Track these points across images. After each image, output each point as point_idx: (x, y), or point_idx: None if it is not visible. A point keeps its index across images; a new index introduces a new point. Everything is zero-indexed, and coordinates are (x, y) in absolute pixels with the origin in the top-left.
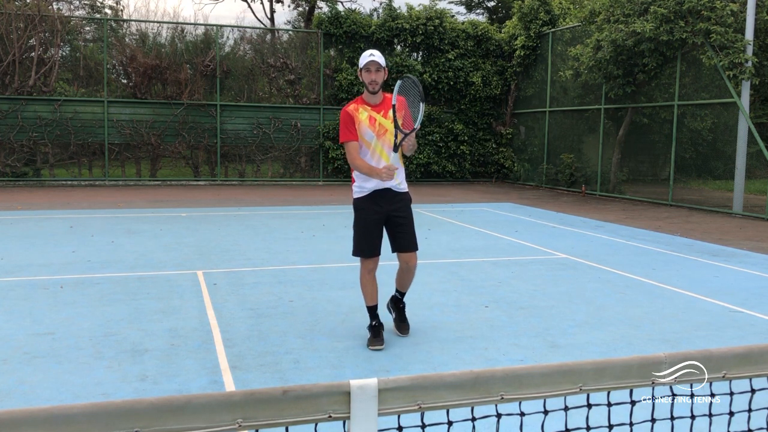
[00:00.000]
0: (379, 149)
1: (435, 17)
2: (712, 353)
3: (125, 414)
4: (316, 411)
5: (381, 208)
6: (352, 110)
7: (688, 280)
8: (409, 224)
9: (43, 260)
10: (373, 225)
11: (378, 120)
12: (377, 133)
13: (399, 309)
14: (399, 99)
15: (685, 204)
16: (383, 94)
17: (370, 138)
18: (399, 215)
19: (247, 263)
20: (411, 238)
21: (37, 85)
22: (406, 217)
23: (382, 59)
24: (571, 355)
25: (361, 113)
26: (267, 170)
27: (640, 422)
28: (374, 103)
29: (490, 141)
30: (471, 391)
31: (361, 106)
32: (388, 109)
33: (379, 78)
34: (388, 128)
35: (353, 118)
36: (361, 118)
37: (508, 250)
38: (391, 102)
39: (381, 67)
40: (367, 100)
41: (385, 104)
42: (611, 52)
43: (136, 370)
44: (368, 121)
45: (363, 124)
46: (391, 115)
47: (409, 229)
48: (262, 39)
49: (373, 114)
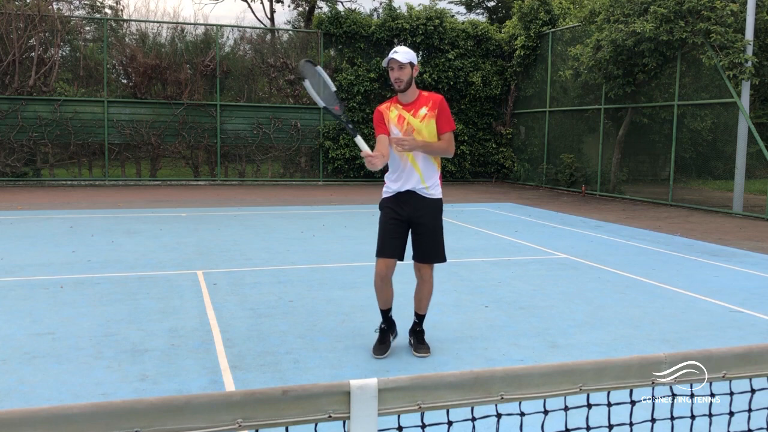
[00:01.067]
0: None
1: (435, 17)
2: (712, 353)
3: (125, 414)
4: (316, 411)
5: (402, 210)
6: (384, 108)
7: (688, 280)
8: (429, 233)
9: (43, 260)
10: (390, 226)
11: (407, 119)
12: (404, 133)
13: (417, 333)
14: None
15: (685, 204)
16: (419, 92)
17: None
18: (420, 222)
19: (247, 263)
20: (428, 248)
21: (37, 85)
22: (427, 225)
23: (406, 55)
24: (571, 355)
25: (391, 111)
26: (267, 170)
27: (640, 422)
28: (405, 102)
29: (490, 141)
30: (471, 391)
31: (394, 104)
32: (419, 108)
33: (403, 75)
34: (416, 127)
35: (383, 116)
36: (390, 116)
37: (508, 250)
38: (425, 100)
39: (404, 64)
40: (400, 99)
41: (419, 102)
42: (611, 52)
43: (136, 370)
44: (397, 120)
45: (392, 123)
46: (422, 114)
47: (428, 239)
48: (262, 39)
49: (404, 113)
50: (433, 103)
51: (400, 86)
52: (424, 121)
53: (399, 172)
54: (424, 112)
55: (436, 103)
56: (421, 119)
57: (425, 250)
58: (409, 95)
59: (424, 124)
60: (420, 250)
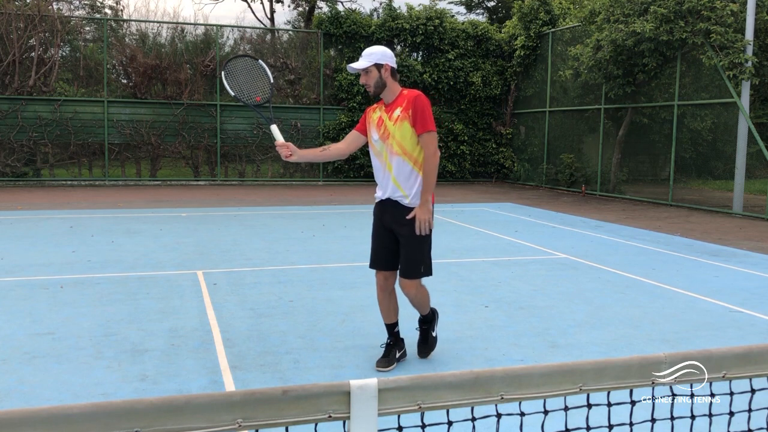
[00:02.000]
0: (386, 156)
1: (435, 17)
2: (712, 353)
3: (125, 414)
4: (316, 411)
5: (384, 219)
6: (371, 109)
7: (688, 280)
8: (407, 245)
9: (43, 260)
10: (376, 234)
11: (384, 122)
12: (382, 136)
13: (421, 329)
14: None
15: (685, 204)
16: (400, 91)
17: (375, 140)
18: (400, 233)
19: (247, 263)
20: (406, 262)
21: (37, 85)
22: (405, 236)
23: (368, 59)
24: (571, 355)
25: (375, 112)
26: (267, 170)
27: (640, 422)
28: (387, 103)
29: (490, 141)
30: (471, 391)
31: (379, 105)
32: (395, 109)
33: (369, 80)
34: (391, 131)
35: (366, 115)
36: (373, 117)
37: (508, 250)
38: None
39: (362, 69)
40: (383, 99)
41: (396, 103)
42: (611, 52)
43: (136, 370)
44: (377, 122)
45: (372, 125)
46: (395, 116)
47: (406, 251)
48: (262, 39)
49: (383, 115)
50: (407, 101)
51: (370, 91)
52: (397, 123)
53: (379, 178)
54: (398, 114)
55: (410, 101)
56: (395, 122)
57: (404, 263)
58: (388, 96)
59: (397, 126)
60: (401, 264)
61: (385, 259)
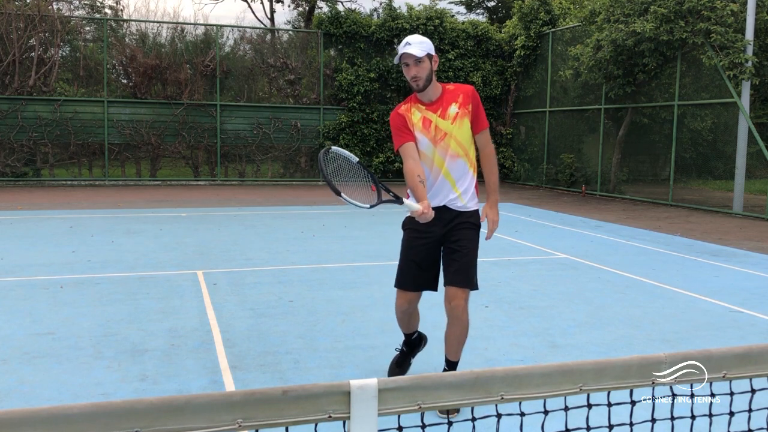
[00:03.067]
0: (438, 160)
1: (435, 17)
2: (712, 353)
3: (125, 414)
4: (316, 411)
5: (433, 229)
6: (404, 111)
7: (688, 280)
8: (463, 252)
9: (43, 260)
10: (418, 250)
11: (434, 122)
12: (433, 139)
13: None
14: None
15: (685, 204)
16: (442, 87)
17: (425, 146)
18: (454, 239)
19: (247, 263)
20: (464, 270)
21: (37, 85)
22: (461, 241)
23: (422, 46)
24: (571, 355)
25: (413, 114)
26: (267, 170)
27: (640, 422)
28: (428, 101)
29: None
30: (471, 391)
31: (414, 105)
32: (448, 106)
33: (421, 72)
34: (448, 131)
35: (405, 120)
36: (414, 120)
37: (508, 250)
38: (453, 94)
39: (420, 57)
40: (420, 97)
41: (445, 99)
42: (611, 52)
43: (136, 370)
44: (421, 124)
45: (417, 128)
46: (451, 113)
47: (461, 258)
48: (262, 39)
49: (429, 114)
50: (464, 96)
51: (419, 84)
52: (456, 121)
53: (429, 186)
54: (455, 111)
55: (468, 96)
56: (453, 120)
57: (457, 271)
58: (431, 92)
59: (457, 125)
60: (451, 273)
61: (423, 278)
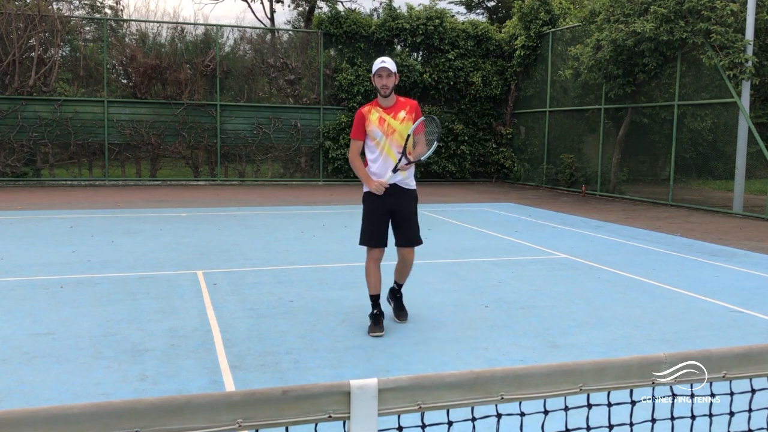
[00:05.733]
0: (387, 147)
1: (435, 17)
2: (712, 353)
3: (125, 414)
4: (316, 411)
5: (386, 202)
6: (366, 111)
7: (688, 280)
8: (411, 220)
9: (43, 260)
10: (377, 217)
11: (387, 121)
12: (385, 132)
13: (396, 299)
14: (420, 126)
15: (685, 204)
16: (396, 98)
17: (379, 137)
18: (403, 211)
19: (247, 263)
20: (412, 234)
21: (37, 85)
22: (409, 213)
23: (393, 65)
24: (571, 355)
25: (372, 114)
26: (267, 170)
27: (640, 422)
28: (386, 106)
29: (490, 141)
30: (471, 391)
31: (375, 108)
32: (398, 111)
33: (389, 83)
34: (396, 128)
35: (363, 118)
36: (371, 119)
37: (508, 250)
38: (403, 104)
39: (391, 72)
40: (381, 102)
41: (397, 106)
42: (611, 52)
43: (136, 370)
44: (378, 122)
45: (372, 124)
46: (401, 117)
47: (411, 225)
48: (262, 39)
49: (384, 115)
50: (411, 107)
51: (386, 92)
52: (403, 123)
53: (382, 168)
54: (403, 116)
55: (413, 108)
56: (401, 121)
57: (410, 235)
58: (390, 100)
59: (403, 125)
60: (405, 237)
61: (383, 238)
